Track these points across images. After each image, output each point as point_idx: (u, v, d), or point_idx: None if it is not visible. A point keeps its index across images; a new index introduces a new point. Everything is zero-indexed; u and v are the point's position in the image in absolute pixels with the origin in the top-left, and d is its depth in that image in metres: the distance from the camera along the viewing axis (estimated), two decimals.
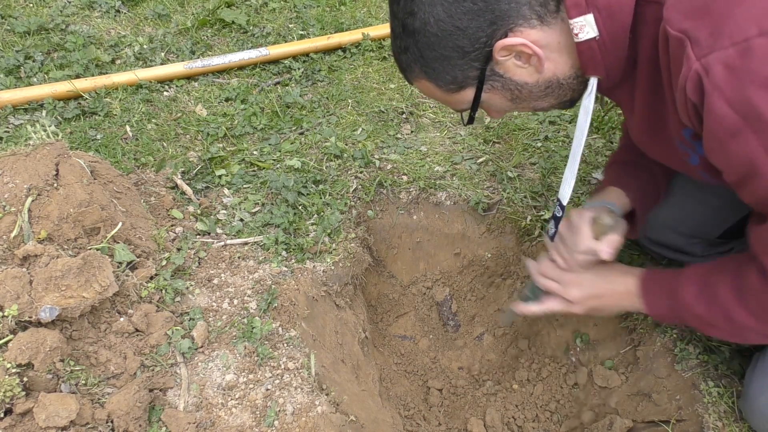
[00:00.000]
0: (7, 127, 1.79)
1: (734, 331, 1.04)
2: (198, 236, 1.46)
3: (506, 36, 0.88)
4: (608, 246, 1.15)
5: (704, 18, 0.74)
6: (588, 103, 0.98)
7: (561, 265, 1.24)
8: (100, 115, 1.88)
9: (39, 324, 1.05)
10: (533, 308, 1.28)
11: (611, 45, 0.88)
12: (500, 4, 0.85)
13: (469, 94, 0.98)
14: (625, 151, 1.36)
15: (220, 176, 1.67)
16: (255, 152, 1.78)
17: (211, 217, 1.53)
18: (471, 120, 1.05)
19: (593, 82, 0.96)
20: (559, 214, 1.23)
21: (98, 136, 1.79)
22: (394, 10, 0.93)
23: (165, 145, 1.79)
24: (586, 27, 0.86)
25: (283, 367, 1.20)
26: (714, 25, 0.73)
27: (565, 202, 1.15)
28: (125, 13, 2.45)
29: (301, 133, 1.89)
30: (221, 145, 1.80)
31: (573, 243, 1.20)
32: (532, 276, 1.31)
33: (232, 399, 1.13)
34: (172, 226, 1.47)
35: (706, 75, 0.74)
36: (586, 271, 1.21)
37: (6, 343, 1.01)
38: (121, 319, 1.18)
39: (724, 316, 1.03)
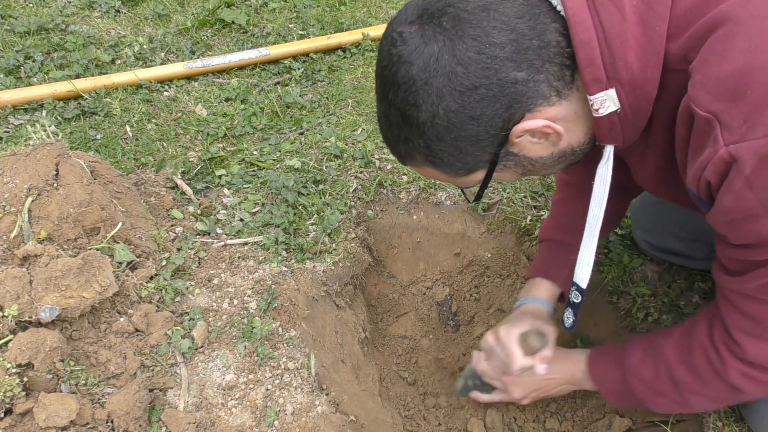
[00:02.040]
0: (7, 127, 1.79)
1: (678, 396, 1.04)
2: (198, 236, 1.46)
3: (524, 117, 0.81)
4: (542, 362, 1.21)
5: (737, 103, 0.70)
6: (605, 172, 0.92)
7: (498, 374, 1.32)
8: (100, 115, 1.89)
9: (39, 324, 1.05)
10: (484, 397, 1.40)
11: (633, 118, 0.83)
12: (517, 86, 0.78)
13: (479, 175, 0.91)
14: (554, 226, 1.39)
15: (220, 176, 1.67)
16: (255, 152, 1.78)
17: (211, 217, 1.53)
18: (479, 198, 0.99)
19: (609, 150, 0.90)
20: (577, 300, 1.13)
21: (98, 136, 1.79)
22: (388, 98, 0.82)
23: (165, 145, 1.79)
24: (606, 102, 0.80)
25: (283, 367, 1.20)
26: (748, 113, 0.70)
27: (584, 286, 1.07)
28: (125, 13, 2.45)
29: (301, 133, 1.89)
30: (221, 145, 1.80)
31: (506, 364, 1.26)
32: (475, 368, 1.37)
33: (232, 399, 1.13)
34: (172, 226, 1.47)
35: (735, 162, 0.71)
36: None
37: (6, 343, 1.01)
38: (121, 319, 1.18)
39: (669, 378, 1.03)
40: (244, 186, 1.64)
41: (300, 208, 1.59)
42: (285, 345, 1.24)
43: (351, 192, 1.68)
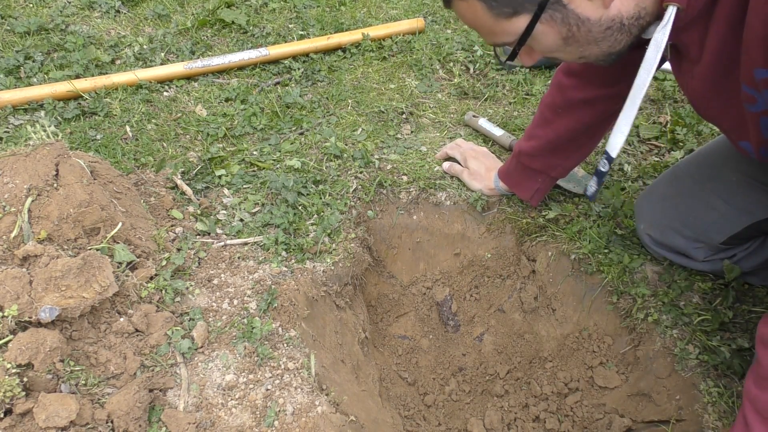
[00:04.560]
0: (7, 127, 1.79)
1: None
2: (198, 236, 1.46)
3: None
4: None
5: None
6: (661, 36, 0.85)
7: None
8: (100, 116, 1.89)
9: (39, 324, 1.05)
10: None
11: None
12: None
13: (521, 22, 0.88)
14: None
15: (220, 176, 1.67)
16: (255, 152, 1.78)
17: (211, 217, 1.53)
18: (513, 56, 0.94)
19: (671, 12, 0.84)
20: (604, 169, 1.09)
21: (98, 136, 1.79)
22: None
23: (165, 145, 1.79)
24: None
25: (283, 367, 1.20)
26: None
27: (614, 154, 1.02)
28: (125, 13, 2.45)
29: (301, 133, 1.89)
30: (221, 145, 1.80)
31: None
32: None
33: (232, 399, 1.13)
34: (172, 226, 1.47)
35: None
36: None
37: (6, 343, 1.01)
38: (121, 319, 1.18)
39: None
40: (244, 186, 1.64)
41: (300, 208, 1.59)
42: (285, 345, 1.24)
43: (351, 192, 1.68)
